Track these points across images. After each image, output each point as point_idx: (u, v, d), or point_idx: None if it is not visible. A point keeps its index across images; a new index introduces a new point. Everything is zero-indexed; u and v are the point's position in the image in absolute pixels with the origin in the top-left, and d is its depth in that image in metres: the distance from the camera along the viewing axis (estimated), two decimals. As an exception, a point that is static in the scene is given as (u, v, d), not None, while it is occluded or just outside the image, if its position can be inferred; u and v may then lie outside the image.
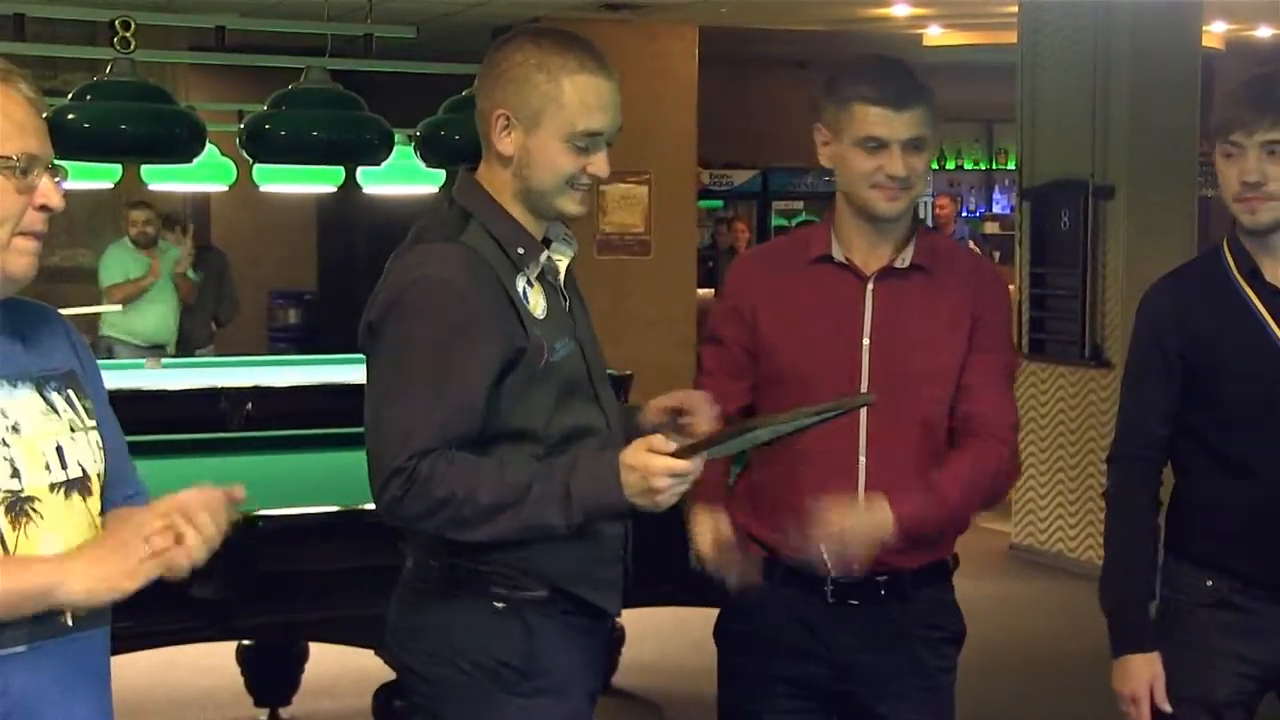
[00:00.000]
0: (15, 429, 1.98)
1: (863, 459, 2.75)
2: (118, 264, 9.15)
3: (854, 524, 2.61)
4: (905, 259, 2.82)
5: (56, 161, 2.04)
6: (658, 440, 2.37)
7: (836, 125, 2.77)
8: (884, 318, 2.79)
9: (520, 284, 2.47)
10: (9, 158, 1.97)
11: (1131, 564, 2.91)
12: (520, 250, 2.48)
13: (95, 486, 2.07)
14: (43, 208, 2.01)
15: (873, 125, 2.73)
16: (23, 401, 2.01)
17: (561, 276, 2.57)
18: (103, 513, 2.08)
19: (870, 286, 2.80)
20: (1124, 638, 2.89)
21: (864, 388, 2.76)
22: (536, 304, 2.48)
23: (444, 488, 2.36)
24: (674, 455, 2.34)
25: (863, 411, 2.73)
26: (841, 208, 2.85)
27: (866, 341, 2.78)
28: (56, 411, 2.04)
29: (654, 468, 2.33)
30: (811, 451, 2.70)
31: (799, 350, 2.78)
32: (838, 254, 2.82)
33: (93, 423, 2.10)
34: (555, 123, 2.46)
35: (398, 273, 2.46)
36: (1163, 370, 2.88)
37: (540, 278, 2.51)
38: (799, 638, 2.81)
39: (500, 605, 2.47)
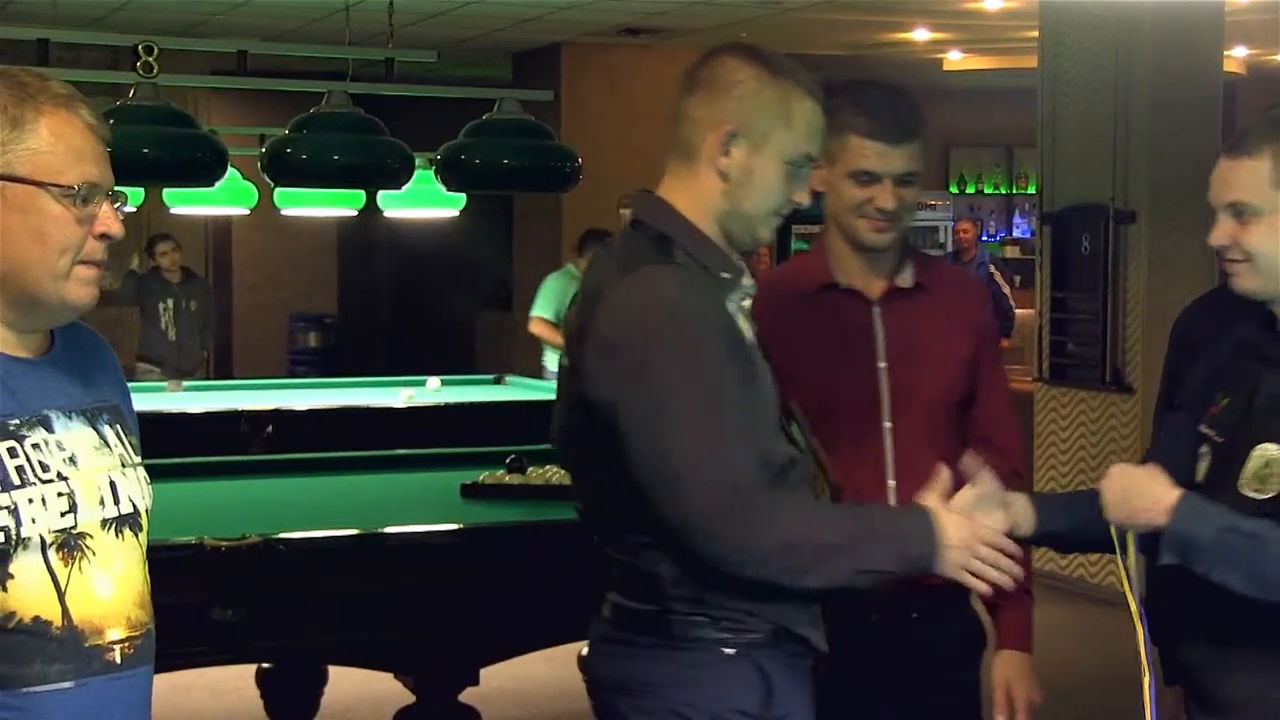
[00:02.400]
0: (72, 461, 1.93)
1: (891, 483, 2.75)
2: (552, 296, 8.85)
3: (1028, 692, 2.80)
4: (906, 279, 2.84)
5: (117, 188, 2.00)
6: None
7: (830, 152, 2.68)
8: (897, 339, 2.79)
9: (731, 309, 2.32)
10: (69, 187, 1.93)
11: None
12: (726, 275, 2.33)
13: (145, 522, 2.02)
14: (103, 236, 1.97)
15: (866, 159, 2.73)
16: (78, 434, 1.96)
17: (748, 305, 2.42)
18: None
19: (877, 310, 2.81)
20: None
21: (886, 411, 2.76)
22: (745, 330, 2.35)
23: (788, 525, 2.18)
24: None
25: (887, 436, 2.73)
26: (833, 235, 2.86)
27: (883, 365, 2.78)
28: (108, 445, 1.99)
29: (985, 522, 2.24)
30: (844, 485, 2.64)
31: (818, 380, 2.74)
32: (841, 280, 2.82)
33: (138, 459, 2.05)
34: (781, 143, 2.34)
35: (621, 299, 2.25)
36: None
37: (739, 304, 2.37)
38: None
39: (730, 651, 2.28)
